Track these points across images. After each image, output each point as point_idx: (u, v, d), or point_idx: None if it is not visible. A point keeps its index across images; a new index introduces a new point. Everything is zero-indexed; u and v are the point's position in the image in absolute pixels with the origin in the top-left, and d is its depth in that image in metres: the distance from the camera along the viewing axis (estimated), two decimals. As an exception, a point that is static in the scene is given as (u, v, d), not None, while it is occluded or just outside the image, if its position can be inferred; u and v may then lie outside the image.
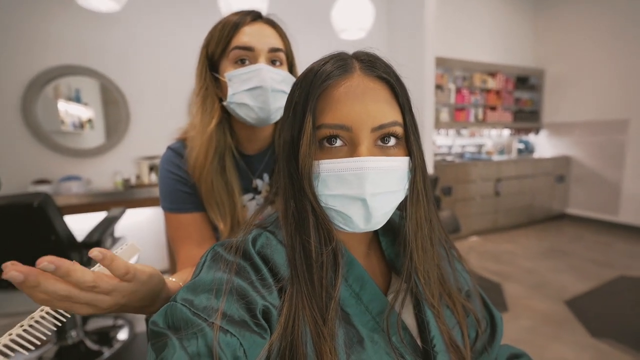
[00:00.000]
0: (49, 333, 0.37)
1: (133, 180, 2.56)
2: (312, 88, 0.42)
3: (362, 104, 0.41)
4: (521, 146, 4.68)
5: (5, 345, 0.33)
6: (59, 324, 0.38)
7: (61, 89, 2.43)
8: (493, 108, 4.33)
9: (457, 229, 2.38)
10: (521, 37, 4.63)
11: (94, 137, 2.57)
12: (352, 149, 0.42)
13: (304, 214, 0.43)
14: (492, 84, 4.26)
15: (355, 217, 0.42)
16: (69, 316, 0.39)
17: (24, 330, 0.35)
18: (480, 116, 4.23)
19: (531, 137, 4.82)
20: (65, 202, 2.18)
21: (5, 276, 0.31)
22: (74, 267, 0.34)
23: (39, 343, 0.35)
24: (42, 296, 0.34)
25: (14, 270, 0.32)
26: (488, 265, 2.92)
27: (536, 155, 4.60)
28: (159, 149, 2.66)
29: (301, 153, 0.42)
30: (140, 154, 2.64)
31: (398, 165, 0.43)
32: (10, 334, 0.34)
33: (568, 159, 4.43)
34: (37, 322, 0.36)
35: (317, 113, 0.42)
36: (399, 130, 0.43)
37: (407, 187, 0.45)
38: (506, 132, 4.63)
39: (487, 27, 4.31)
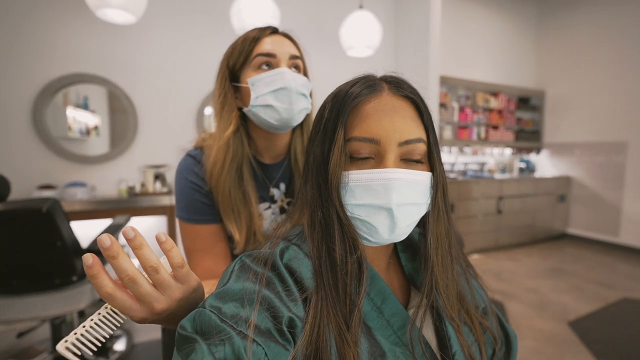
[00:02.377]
0: (107, 335, 0.37)
1: (138, 188, 2.56)
2: (343, 104, 0.44)
3: (390, 120, 0.43)
4: (522, 165, 4.72)
5: (72, 344, 0.35)
6: (116, 327, 0.39)
7: (70, 96, 2.47)
8: (495, 127, 4.38)
9: (460, 245, 2.38)
10: (523, 58, 4.73)
11: (99, 144, 2.60)
12: (378, 162, 0.43)
13: (330, 222, 0.44)
14: (494, 103, 4.32)
15: (380, 226, 0.43)
16: (125, 319, 0.39)
17: (86, 331, 0.36)
18: (483, 135, 4.28)
19: (532, 157, 4.86)
20: (70, 208, 2.18)
21: (98, 240, 0.35)
22: (145, 242, 0.38)
23: (99, 344, 0.36)
24: (108, 288, 0.36)
25: (106, 235, 0.35)
26: (490, 283, 2.87)
27: (537, 174, 4.64)
28: (165, 158, 2.68)
29: (331, 164, 0.43)
30: (146, 162, 2.65)
31: (422, 179, 0.44)
32: (76, 333, 0.35)
33: (569, 179, 4.46)
34: (96, 323, 0.37)
35: (347, 127, 0.44)
36: (423, 147, 0.45)
37: (429, 202, 0.46)
38: (508, 151, 4.67)
39: (490, 48, 4.41)
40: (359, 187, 0.43)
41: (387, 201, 0.41)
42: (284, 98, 0.70)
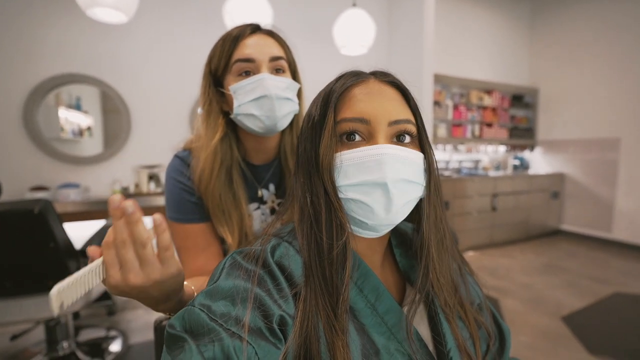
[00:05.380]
0: (89, 289, 0.40)
1: (132, 189, 2.55)
2: (332, 92, 0.45)
3: (379, 101, 0.44)
4: (516, 162, 4.75)
5: (60, 290, 0.37)
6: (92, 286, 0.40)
7: (62, 97, 2.44)
8: (489, 125, 4.41)
9: (455, 242, 2.39)
10: (516, 56, 4.75)
11: (92, 145, 2.57)
12: (369, 141, 0.44)
13: (318, 208, 0.44)
14: (488, 101, 4.34)
15: (376, 205, 0.42)
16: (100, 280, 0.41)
17: (80, 277, 0.38)
18: (477, 132, 4.30)
19: (526, 154, 4.89)
20: (63, 209, 2.16)
21: (113, 201, 0.38)
22: (142, 218, 0.40)
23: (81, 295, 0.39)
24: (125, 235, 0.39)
25: (124, 203, 0.39)
26: (485, 280, 2.90)
27: (531, 171, 4.67)
28: (159, 158, 2.67)
29: (322, 147, 0.44)
30: (140, 163, 2.64)
31: (414, 157, 0.44)
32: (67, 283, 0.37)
33: (562, 176, 4.49)
34: (85, 275, 0.39)
35: (337, 110, 0.45)
36: (412, 128, 0.45)
37: (424, 184, 0.46)
38: (502, 149, 4.70)
39: (484, 46, 4.43)
40: (352, 166, 0.42)
41: (382, 175, 0.41)
42: (265, 106, 0.70)
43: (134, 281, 0.39)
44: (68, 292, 0.37)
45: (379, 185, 0.41)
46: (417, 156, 0.45)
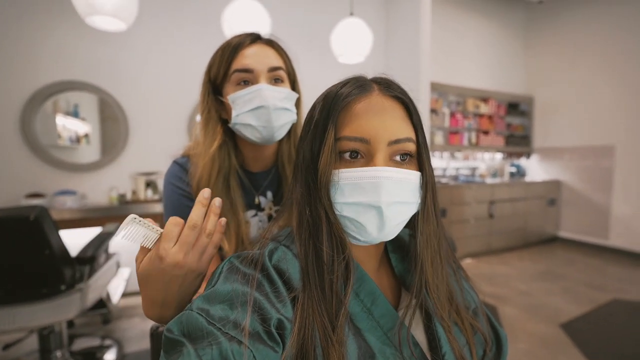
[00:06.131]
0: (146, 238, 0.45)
1: (129, 196, 2.54)
2: (333, 104, 0.45)
3: (380, 119, 0.43)
4: (513, 170, 4.77)
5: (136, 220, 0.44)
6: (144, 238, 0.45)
7: (60, 104, 2.45)
8: (486, 132, 4.44)
9: (453, 250, 2.39)
10: (512, 65, 4.82)
11: (90, 152, 2.57)
12: (368, 161, 0.44)
13: (318, 221, 0.44)
14: (484, 109, 4.39)
15: (369, 225, 0.43)
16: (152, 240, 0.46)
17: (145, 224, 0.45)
18: (474, 140, 4.33)
19: (523, 161, 4.92)
20: (59, 216, 2.15)
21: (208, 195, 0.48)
22: (217, 215, 0.49)
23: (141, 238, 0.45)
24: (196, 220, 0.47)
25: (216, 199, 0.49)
26: (483, 287, 2.91)
27: (528, 178, 4.69)
28: (157, 165, 2.67)
29: (321, 163, 0.44)
30: (137, 170, 2.63)
31: (411, 178, 0.45)
32: (140, 221, 0.45)
33: (558, 183, 4.52)
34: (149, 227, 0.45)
35: (337, 126, 0.44)
36: (412, 146, 0.45)
37: (419, 201, 0.46)
38: (499, 156, 4.73)
39: (480, 55, 4.49)
40: (349, 185, 0.43)
41: (377, 199, 0.42)
42: (263, 117, 0.70)
43: (167, 257, 0.43)
44: (137, 228, 0.43)
45: (374, 207, 0.42)
46: (414, 176, 0.45)
